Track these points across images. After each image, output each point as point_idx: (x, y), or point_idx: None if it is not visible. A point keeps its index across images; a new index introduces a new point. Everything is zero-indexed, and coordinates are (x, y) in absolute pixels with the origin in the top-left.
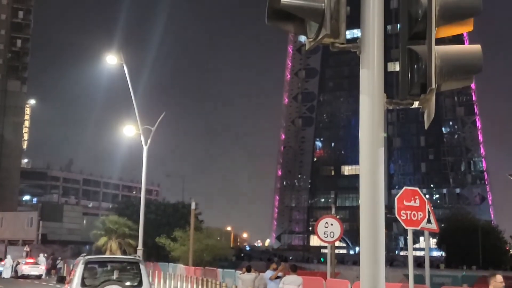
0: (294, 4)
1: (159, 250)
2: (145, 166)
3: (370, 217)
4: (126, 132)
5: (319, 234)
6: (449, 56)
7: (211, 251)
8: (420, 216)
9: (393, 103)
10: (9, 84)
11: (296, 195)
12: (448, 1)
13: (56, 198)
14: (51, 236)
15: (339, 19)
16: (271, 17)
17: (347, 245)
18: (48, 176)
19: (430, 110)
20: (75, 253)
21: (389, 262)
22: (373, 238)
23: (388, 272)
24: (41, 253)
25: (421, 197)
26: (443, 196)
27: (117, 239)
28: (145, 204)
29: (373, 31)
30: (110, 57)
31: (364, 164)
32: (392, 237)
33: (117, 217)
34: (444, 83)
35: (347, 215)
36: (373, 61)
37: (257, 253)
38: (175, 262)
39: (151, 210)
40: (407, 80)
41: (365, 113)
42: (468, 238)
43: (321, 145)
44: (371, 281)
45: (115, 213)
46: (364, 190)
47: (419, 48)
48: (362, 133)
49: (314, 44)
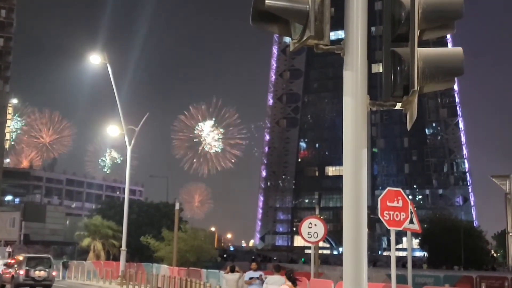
0: (279, 5)
1: (143, 250)
2: (129, 166)
3: (353, 218)
4: (110, 132)
5: (303, 235)
6: (431, 58)
7: (195, 252)
8: (403, 216)
9: (376, 105)
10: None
11: (280, 196)
12: (430, 5)
13: (39, 198)
14: (34, 236)
15: (323, 20)
16: (255, 18)
17: (331, 246)
18: (31, 176)
19: (413, 111)
20: (58, 253)
21: (372, 263)
22: (356, 239)
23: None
24: (23, 253)
25: (404, 198)
26: (426, 197)
27: (100, 240)
28: (129, 205)
29: (356, 34)
30: (93, 57)
31: (347, 165)
32: (375, 238)
33: (100, 219)
34: (426, 85)
35: (331, 215)
36: (356, 63)
37: (241, 254)
38: (159, 262)
39: (133, 211)
40: (390, 82)
41: (349, 114)
42: (451, 239)
43: (305, 146)
44: (354, 281)
45: (98, 214)
46: (347, 190)
47: (402, 50)
48: (346, 134)
49: (298, 45)
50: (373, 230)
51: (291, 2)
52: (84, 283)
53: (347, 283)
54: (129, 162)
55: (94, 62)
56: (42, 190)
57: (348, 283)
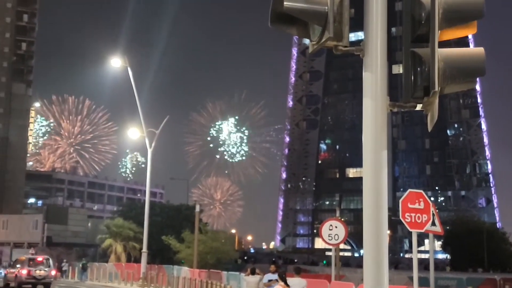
0: (297, 7)
1: (164, 252)
2: (150, 168)
3: (373, 220)
4: (131, 135)
5: (324, 237)
6: (452, 59)
7: (215, 254)
8: (424, 218)
9: (397, 106)
10: (14, 87)
11: (300, 198)
12: (451, 5)
13: (61, 201)
14: (56, 238)
15: (342, 22)
16: (274, 20)
17: (352, 248)
18: (53, 178)
19: (434, 112)
20: (80, 255)
21: (393, 265)
22: (377, 241)
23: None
24: (46, 255)
25: (426, 199)
26: (448, 198)
27: (122, 242)
28: (150, 207)
29: (376, 35)
30: (114, 60)
31: (367, 166)
32: (396, 240)
33: (121, 220)
34: (447, 86)
35: (352, 217)
36: (376, 64)
37: (261, 256)
38: (179, 264)
39: (155, 213)
40: (411, 83)
41: (368, 116)
42: (473, 241)
43: (325, 147)
44: (374, 283)
45: (120, 216)
46: (367, 192)
47: (423, 51)
48: (365, 136)
49: (317, 47)
50: (395, 232)
51: (310, 4)
52: (105, 285)
53: (368, 286)
54: (150, 164)
55: (115, 65)
56: (64, 193)
57: (369, 286)
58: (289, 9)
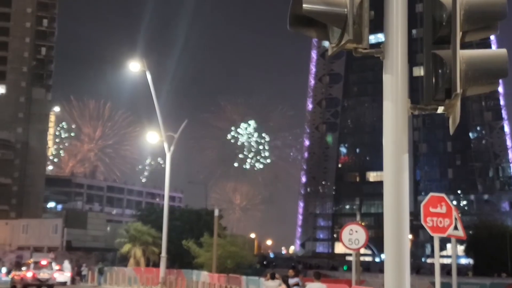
0: (316, 9)
1: (183, 257)
2: (168, 172)
3: (394, 224)
4: (150, 139)
5: (344, 241)
6: (474, 61)
7: (234, 258)
8: (446, 223)
9: (418, 109)
10: (34, 92)
11: (320, 202)
12: (472, 6)
13: (81, 205)
14: (76, 243)
15: (362, 24)
16: (293, 23)
17: (372, 253)
18: (73, 183)
19: (455, 115)
20: (99, 260)
21: (415, 270)
22: (398, 245)
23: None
24: (66, 260)
25: (448, 203)
26: (471, 202)
27: (141, 246)
28: (169, 211)
29: (396, 36)
30: (133, 64)
31: (388, 170)
32: (418, 244)
33: (140, 224)
34: (469, 88)
35: (373, 222)
36: (396, 67)
37: (281, 261)
38: (198, 269)
39: (175, 217)
40: (432, 85)
41: (389, 119)
42: (497, 245)
43: (345, 151)
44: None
45: (139, 220)
46: (388, 196)
47: (444, 53)
48: (386, 139)
49: (337, 49)
50: (416, 237)
51: (329, 6)
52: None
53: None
54: (169, 168)
55: (134, 69)
56: (83, 197)
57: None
58: (308, 11)
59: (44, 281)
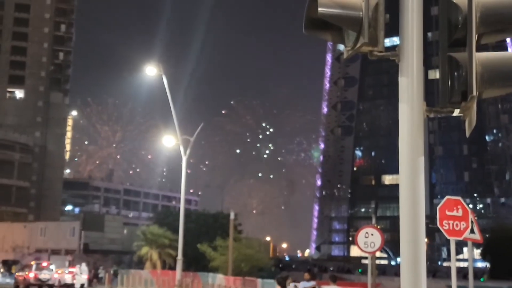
0: (332, 13)
1: (199, 260)
2: (184, 176)
3: (410, 227)
4: (166, 143)
5: (360, 245)
6: (491, 63)
7: (250, 261)
8: (463, 226)
9: (433, 111)
10: (52, 96)
11: (336, 205)
12: (488, 8)
13: (98, 208)
14: (93, 245)
15: (378, 27)
16: (308, 26)
17: (388, 256)
18: (90, 186)
19: (472, 118)
20: (116, 262)
21: (431, 273)
22: (414, 249)
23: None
24: (83, 262)
25: (464, 206)
26: (487, 205)
27: (157, 249)
28: (185, 214)
29: (412, 39)
30: (149, 69)
31: (404, 173)
32: (434, 248)
33: (157, 227)
34: (485, 91)
35: (388, 225)
36: (412, 69)
37: (296, 264)
38: (214, 272)
39: (191, 220)
40: (447, 87)
41: (405, 121)
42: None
43: (361, 154)
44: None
45: (155, 223)
46: (404, 199)
47: (460, 55)
48: (402, 142)
49: (352, 52)
50: (432, 240)
51: (344, 9)
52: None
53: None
54: (184, 172)
55: (150, 74)
56: (100, 200)
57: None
58: (324, 14)
59: (45, 281)
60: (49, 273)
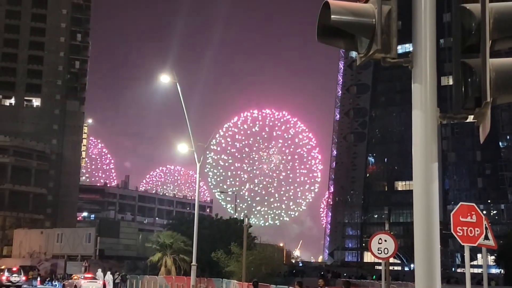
0: (345, 20)
1: (213, 266)
2: (199, 182)
3: (424, 233)
4: (180, 149)
5: (373, 251)
6: (504, 69)
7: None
8: (477, 232)
9: (447, 118)
10: (68, 104)
11: (349, 211)
12: (502, 14)
13: (113, 214)
14: (108, 251)
15: (390, 34)
16: (321, 34)
17: (402, 262)
18: (106, 193)
19: (486, 124)
20: (131, 268)
21: (445, 279)
22: (428, 255)
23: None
24: (99, 268)
25: (478, 213)
26: (501, 212)
27: (171, 255)
28: (199, 220)
29: (425, 46)
30: (163, 76)
31: (418, 179)
32: (448, 254)
33: (171, 233)
34: (499, 97)
35: (401, 231)
36: (425, 76)
37: (310, 270)
38: (228, 278)
39: (205, 226)
40: (461, 94)
41: (418, 128)
42: None
43: (373, 160)
44: None
45: (170, 229)
46: (418, 205)
47: (473, 61)
48: (415, 148)
49: (365, 59)
50: (446, 246)
51: (357, 17)
52: None
53: None
54: (199, 178)
55: (164, 81)
56: (116, 207)
57: None
58: (337, 22)
59: (15, 282)
60: (19, 277)
